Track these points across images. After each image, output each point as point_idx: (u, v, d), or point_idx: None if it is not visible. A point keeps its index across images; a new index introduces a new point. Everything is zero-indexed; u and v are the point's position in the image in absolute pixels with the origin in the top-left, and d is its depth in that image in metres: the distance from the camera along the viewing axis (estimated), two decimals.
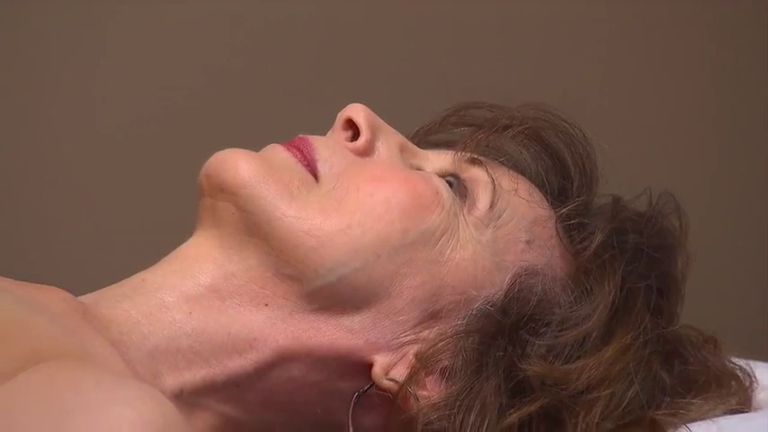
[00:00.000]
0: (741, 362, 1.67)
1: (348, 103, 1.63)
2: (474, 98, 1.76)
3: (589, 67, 3.16)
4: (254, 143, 1.65)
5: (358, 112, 1.61)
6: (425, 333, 1.56)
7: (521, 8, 3.22)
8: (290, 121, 1.87)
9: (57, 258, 1.86)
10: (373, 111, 1.65)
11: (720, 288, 1.86)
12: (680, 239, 1.68)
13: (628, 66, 3.28)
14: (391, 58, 2.98)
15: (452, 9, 3.15)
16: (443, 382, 1.53)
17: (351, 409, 1.54)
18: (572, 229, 1.62)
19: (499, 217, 1.60)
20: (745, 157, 3.16)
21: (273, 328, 1.56)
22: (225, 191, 1.56)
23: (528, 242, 1.62)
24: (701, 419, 1.58)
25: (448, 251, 1.59)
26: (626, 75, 3.25)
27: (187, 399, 1.51)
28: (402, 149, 1.63)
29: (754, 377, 1.66)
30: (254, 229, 1.57)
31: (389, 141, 1.64)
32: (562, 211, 1.62)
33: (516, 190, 1.61)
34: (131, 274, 1.59)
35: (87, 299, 1.53)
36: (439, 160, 1.65)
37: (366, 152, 1.60)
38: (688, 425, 1.56)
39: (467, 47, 3.07)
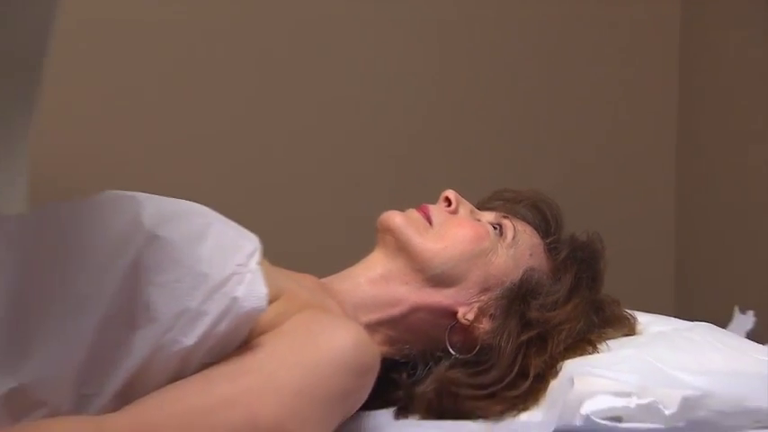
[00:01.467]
0: (629, 311, 1.85)
1: (447, 188, 1.81)
2: (506, 186, 1.95)
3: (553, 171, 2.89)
4: (407, 204, 1.81)
5: (451, 193, 1.80)
6: (482, 297, 1.71)
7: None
8: (421, 191, 1.87)
9: (310, 255, 1.86)
10: (458, 191, 1.83)
11: (618, 276, 1.95)
12: (602, 254, 1.84)
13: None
14: (464, 164, 2.81)
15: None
16: (491, 321, 1.70)
17: (447, 333, 1.70)
18: (551, 249, 1.82)
19: (517, 243, 1.77)
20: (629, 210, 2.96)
21: (410, 295, 1.71)
22: (388, 231, 1.75)
23: (531, 255, 1.78)
24: (611, 339, 1.73)
25: (493, 259, 1.74)
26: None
27: (372, 327, 1.67)
28: (471, 211, 1.81)
29: (636, 318, 1.84)
30: (402, 249, 1.73)
31: (465, 207, 1.81)
32: (546, 240, 1.82)
33: (525, 230, 1.81)
34: (345, 268, 1.79)
35: (324, 280, 1.74)
36: (488, 216, 1.81)
37: (454, 213, 1.78)
38: (606, 341, 1.71)
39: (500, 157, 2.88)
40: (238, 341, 1.45)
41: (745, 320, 1.94)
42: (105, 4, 2.55)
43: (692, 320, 1.92)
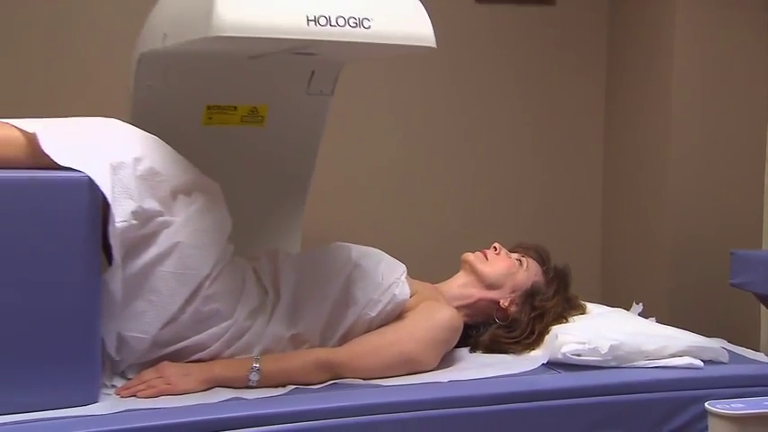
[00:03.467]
0: (583, 302, 1.93)
1: (496, 240, 1.88)
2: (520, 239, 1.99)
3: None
4: (476, 248, 1.87)
5: (497, 243, 1.86)
6: (512, 295, 1.80)
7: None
8: (482, 241, 1.90)
9: (431, 273, 1.84)
10: (501, 241, 1.89)
11: (576, 285, 1.89)
12: (569, 273, 1.89)
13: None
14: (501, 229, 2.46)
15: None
16: (516, 306, 1.80)
17: (495, 312, 1.81)
18: (545, 271, 1.87)
19: (529, 268, 1.85)
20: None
21: (477, 293, 1.80)
22: (466, 262, 1.83)
23: (535, 274, 1.85)
24: (575, 316, 1.84)
25: (517, 276, 1.82)
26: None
27: (459, 309, 1.74)
28: (507, 253, 1.85)
29: (586, 306, 1.92)
30: (473, 271, 1.82)
31: (504, 250, 1.86)
32: (543, 267, 1.88)
33: (532, 263, 1.87)
34: (447, 279, 1.85)
35: (436, 285, 1.81)
36: (515, 255, 1.86)
37: (498, 253, 1.84)
38: (572, 317, 1.83)
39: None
40: (396, 315, 1.67)
41: (638, 308, 2.00)
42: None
43: (613, 307, 2.03)
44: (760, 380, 1.66)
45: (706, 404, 1.49)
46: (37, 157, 1.39)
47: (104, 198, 1.38)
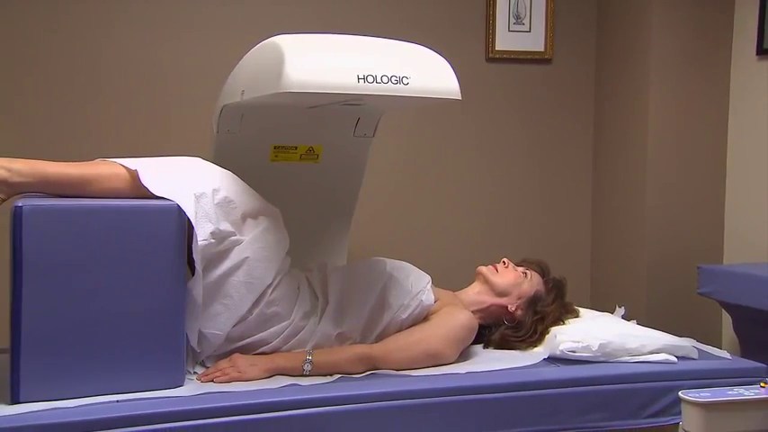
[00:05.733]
0: (576, 307, 1.87)
1: (505, 256, 1.85)
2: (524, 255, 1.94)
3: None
4: (488, 262, 1.82)
5: (505, 258, 1.82)
6: (518, 301, 1.75)
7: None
8: (494, 256, 1.86)
9: (452, 282, 1.80)
10: (510, 256, 1.85)
11: (571, 293, 1.86)
12: (565, 284, 1.84)
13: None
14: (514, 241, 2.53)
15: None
16: (522, 311, 1.75)
17: (504, 316, 1.76)
18: (546, 282, 1.81)
19: (532, 280, 1.79)
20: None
21: (489, 300, 1.76)
22: (480, 274, 1.79)
23: (537, 284, 1.79)
24: (570, 319, 1.80)
25: (523, 286, 1.77)
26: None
27: (474, 312, 1.70)
28: (514, 266, 1.81)
29: (579, 311, 1.86)
30: (486, 281, 1.77)
31: (511, 264, 1.81)
32: (544, 278, 1.82)
33: (535, 275, 1.82)
34: (465, 287, 1.80)
35: (456, 292, 1.76)
36: (521, 268, 1.81)
37: (507, 267, 1.80)
38: (568, 320, 1.79)
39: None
40: (423, 317, 1.64)
41: (621, 311, 1.94)
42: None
43: (601, 311, 1.99)
44: (724, 373, 1.64)
45: (679, 393, 1.50)
46: (138, 189, 1.42)
47: (189, 221, 1.40)
